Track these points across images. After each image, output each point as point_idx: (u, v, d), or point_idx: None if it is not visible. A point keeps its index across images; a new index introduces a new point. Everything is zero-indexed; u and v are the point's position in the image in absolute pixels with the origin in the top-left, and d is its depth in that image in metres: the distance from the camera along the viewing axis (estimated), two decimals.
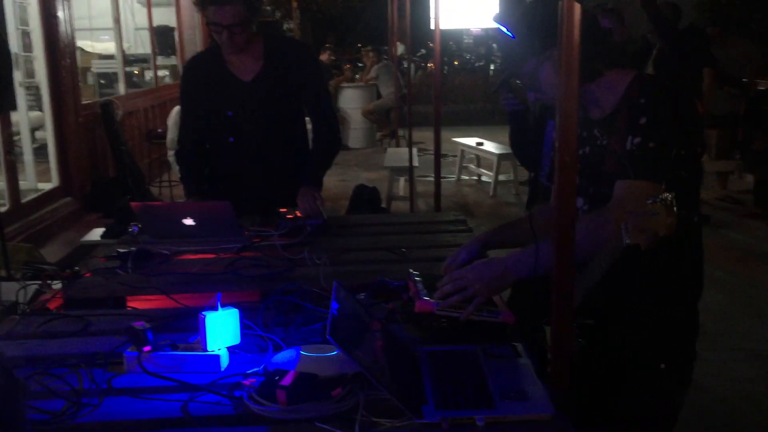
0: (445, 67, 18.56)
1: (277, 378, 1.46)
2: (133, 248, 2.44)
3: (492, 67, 19.07)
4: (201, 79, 2.98)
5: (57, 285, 2.23)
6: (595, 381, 1.83)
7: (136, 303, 2.14)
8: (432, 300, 1.75)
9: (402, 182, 7.62)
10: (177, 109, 6.29)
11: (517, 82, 1.94)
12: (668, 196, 1.38)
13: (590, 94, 1.81)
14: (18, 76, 6.11)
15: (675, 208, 1.36)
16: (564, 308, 1.47)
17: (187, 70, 3.07)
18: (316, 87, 3.02)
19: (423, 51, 20.61)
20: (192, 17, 10.42)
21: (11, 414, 0.82)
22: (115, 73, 8.26)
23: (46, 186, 6.15)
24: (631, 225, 1.45)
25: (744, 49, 7.24)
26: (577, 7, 1.34)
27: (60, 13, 6.00)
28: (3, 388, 0.84)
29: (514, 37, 1.79)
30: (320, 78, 3.12)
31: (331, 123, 3.11)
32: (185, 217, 2.56)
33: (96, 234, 4.52)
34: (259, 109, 2.93)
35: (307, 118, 3.14)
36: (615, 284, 1.68)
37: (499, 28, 1.84)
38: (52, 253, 4.87)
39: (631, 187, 1.70)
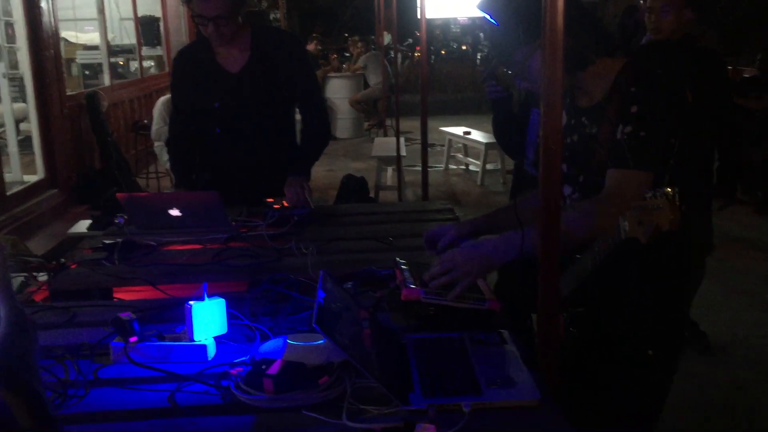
0: (432, 57, 18.52)
1: (264, 367, 1.46)
2: (119, 239, 2.43)
3: (479, 56, 19.05)
4: (190, 70, 2.97)
5: (43, 277, 2.22)
6: (584, 368, 1.84)
7: (123, 294, 2.14)
8: (419, 288, 1.75)
9: (390, 172, 7.62)
10: (162, 99, 6.26)
11: (506, 70, 1.92)
12: (670, 190, 1.37)
13: (578, 82, 1.81)
14: (1, 67, 6.05)
15: (678, 203, 1.36)
16: (550, 295, 1.48)
17: (177, 62, 3.06)
18: (305, 78, 3.01)
19: (410, 40, 20.56)
20: (177, 7, 10.34)
21: (24, 358, 0.83)
22: (99, 64, 8.18)
23: (31, 178, 6.10)
24: (630, 217, 1.44)
25: (716, 39, 7.26)
26: None
27: (43, 4, 5.93)
28: (17, 326, 0.84)
29: (498, 24, 1.79)
30: (309, 68, 3.11)
31: (321, 114, 3.11)
32: (172, 208, 2.55)
33: (82, 226, 4.49)
34: (247, 100, 2.92)
35: (296, 110, 3.13)
36: (607, 273, 1.69)
37: (484, 16, 1.84)
38: (39, 245, 4.83)
39: (623, 177, 1.69)
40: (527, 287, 1.58)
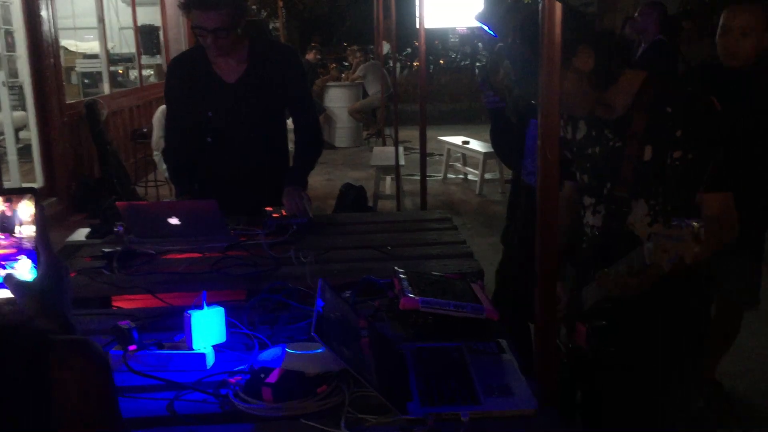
0: (431, 66, 18.57)
1: (262, 376, 1.46)
2: (118, 248, 2.43)
3: (477, 65, 19.11)
4: (185, 78, 2.97)
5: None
6: (607, 380, 1.84)
7: (122, 303, 2.14)
8: (417, 297, 1.76)
9: (388, 181, 7.63)
10: (162, 108, 6.27)
11: (510, 76, 1.89)
12: (696, 225, 1.37)
13: (588, 110, 1.79)
14: (1, 75, 6.07)
15: (702, 239, 1.35)
16: (547, 305, 1.49)
17: (172, 69, 3.06)
18: (300, 89, 3.03)
19: (409, 50, 20.62)
20: (177, 16, 10.36)
21: (61, 296, 1.02)
22: (99, 73, 8.21)
23: (30, 186, 6.10)
24: (655, 242, 1.43)
25: (710, 51, 7.23)
26: (558, 6, 1.36)
27: (44, 13, 5.96)
28: (55, 269, 1.02)
29: (495, 35, 1.80)
30: (303, 80, 3.13)
31: (314, 124, 3.15)
32: (171, 217, 2.56)
33: (81, 234, 4.48)
34: (241, 110, 2.93)
35: (288, 120, 3.16)
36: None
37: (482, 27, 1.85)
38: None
39: (724, 200, 1.68)
40: (526, 296, 1.59)
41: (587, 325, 1.77)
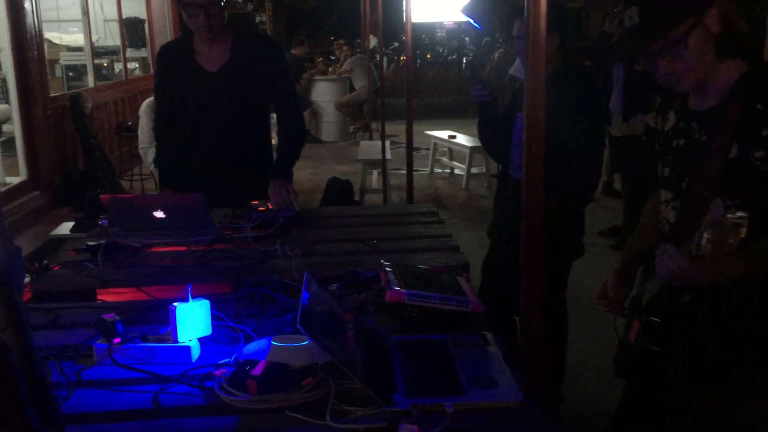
0: (418, 61, 18.58)
1: (247, 368, 1.46)
2: (103, 241, 2.42)
3: (464, 60, 19.14)
4: (170, 66, 3.01)
5: (26, 279, 2.21)
6: (663, 382, 1.75)
7: (107, 296, 2.13)
8: (402, 290, 1.76)
9: (375, 175, 7.63)
10: (148, 101, 6.25)
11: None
12: (741, 215, 1.34)
13: (702, 79, 1.65)
14: None
15: (742, 229, 1.32)
16: (532, 298, 1.50)
17: (159, 58, 3.10)
18: (282, 81, 3.04)
19: (396, 44, 20.61)
20: (162, 9, 10.30)
21: (15, 277, 1.10)
22: (83, 66, 8.13)
23: (13, 180, 6.05)
24: (705, 234, 1.40)
25: None
26: (543, 1, 1.36)
27: (27, 5, 5.89)
28: (9, 251, 1.09)
29: (481, 28, 1.80)
30: (286, 72, 3.14)
31: (296, 116, 3.15)
32: (156, 210, 2.55)
33: (65, 228, 4.46)
34: (222, 100, 2.95)
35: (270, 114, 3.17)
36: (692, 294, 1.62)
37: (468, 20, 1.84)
38: (21, 247, 4.79)
39: None
40: (513, 289, 1.58)
41: (641, 319, 1.71)
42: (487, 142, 3.17)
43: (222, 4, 2.80)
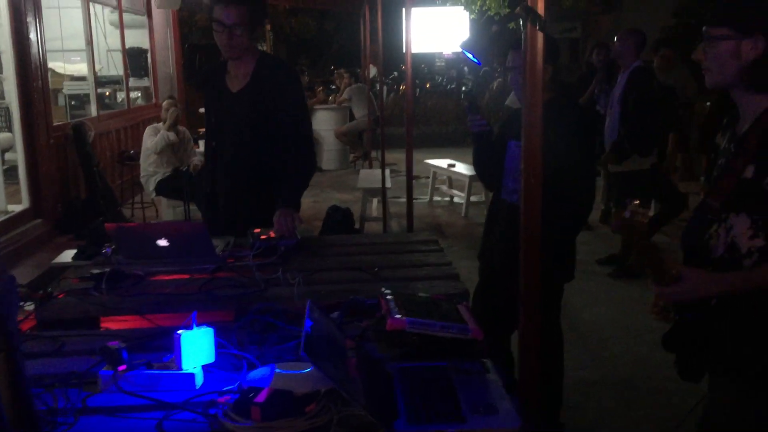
0: (418, 90, 18.73)
1: (251, 395, 1.48)
2: (106, 269, 2.44)
3: (463, 89, 19.28)
4: (210, 84, 3.18)
5: (29, 306, 2.23)
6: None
7: (111, 324, 2.15)
8: (404, 318, 1.79)
9: (375, 203, 7.67)
10: (150, 127, 6.34)
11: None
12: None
13: (744, 107, 1.83)
14: None
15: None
16: (531, 327, 1.52)
17: (205, 75, 3.30)
18: (298, 109, 3.10)
19: (395, 73, 20.80)
20: (165, 39, 10.43)
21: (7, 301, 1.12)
22: (87, 95, 8.21)
23: (16, 208, 6.08)
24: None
25: (681, 75, 7.35)
26: (540, 36, 1.41)
27: (32, 35, 5.98)
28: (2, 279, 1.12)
29: (480, 63, 1.85)
30: (302, 101, 3.21)
31: (308, 146, 3.17)
32: (159, 238, 2.58)
33: (67, 256, 4.49)
34: (234, 121, 3.04)
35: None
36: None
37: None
38: (23, 275, 4.81)
39: None
40: (507, 310, 1.61)
41: (673, 313, 1.84)
42: (481, 170, 3.22)
43: (250, 26, 2.90)
